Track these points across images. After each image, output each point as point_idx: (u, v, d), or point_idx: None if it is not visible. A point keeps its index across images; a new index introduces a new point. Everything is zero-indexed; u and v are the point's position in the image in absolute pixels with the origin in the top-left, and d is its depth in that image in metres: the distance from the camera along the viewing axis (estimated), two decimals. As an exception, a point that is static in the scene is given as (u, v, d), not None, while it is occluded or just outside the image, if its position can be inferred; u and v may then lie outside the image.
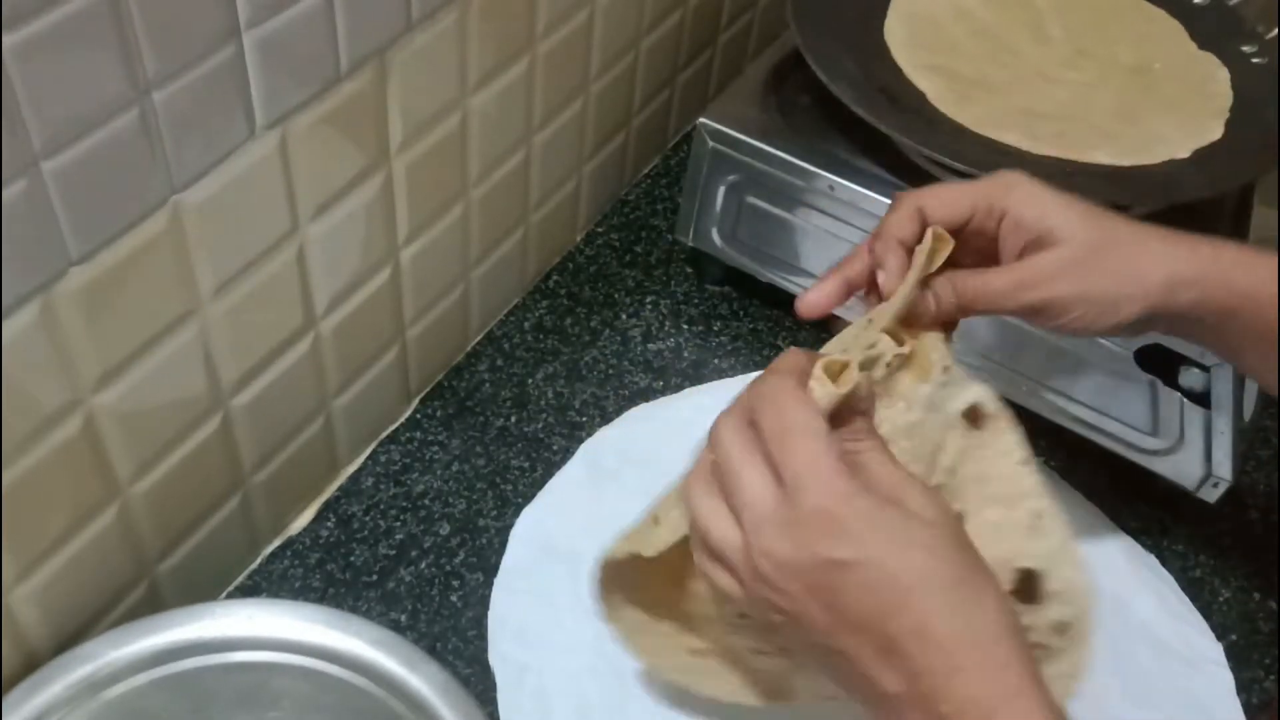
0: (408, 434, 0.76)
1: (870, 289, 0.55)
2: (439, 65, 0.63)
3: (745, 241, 0.82)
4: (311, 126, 0.56)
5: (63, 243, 0.47)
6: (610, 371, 0.80)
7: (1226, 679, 0.68)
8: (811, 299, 0.54)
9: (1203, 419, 0.69)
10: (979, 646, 0.41)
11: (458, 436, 0.76)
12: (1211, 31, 0.83)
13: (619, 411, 0.77)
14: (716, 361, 0.82)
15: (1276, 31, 0.81)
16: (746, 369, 0.81)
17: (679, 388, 0.80)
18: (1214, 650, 0.69)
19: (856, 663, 0.43)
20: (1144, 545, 0.73)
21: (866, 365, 0.48)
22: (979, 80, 0.78)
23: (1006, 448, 0.51)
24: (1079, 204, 0.54)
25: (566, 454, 0.75)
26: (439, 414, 0.77)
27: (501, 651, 0.65)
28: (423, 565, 0.69)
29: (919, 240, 0.53)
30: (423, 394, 0.78)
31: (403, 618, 0.67)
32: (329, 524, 0.71)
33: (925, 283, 0.53)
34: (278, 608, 0.56)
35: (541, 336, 0.82)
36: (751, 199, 0.79)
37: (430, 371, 0.78)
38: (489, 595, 0.67)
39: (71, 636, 0.58)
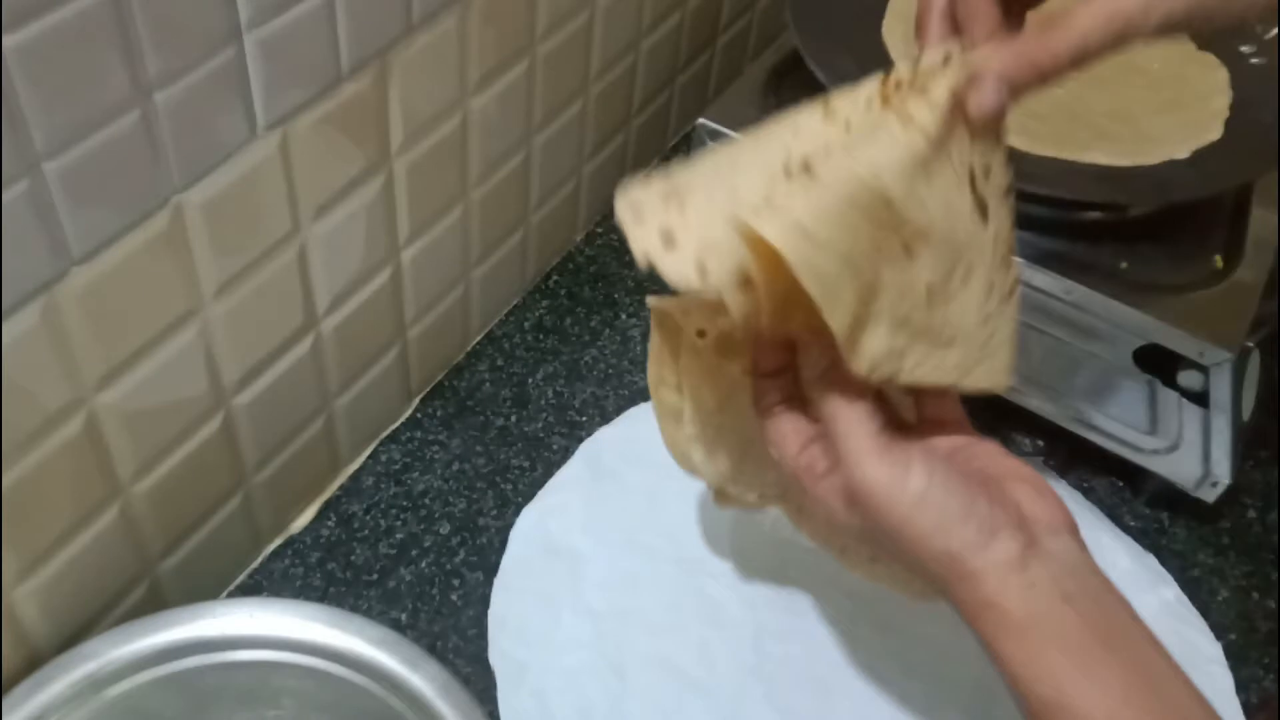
0: (408, 433, 0.76)
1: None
2: (440, 66, 0.63)
3: (745, 242, 0.82)
4: (313, 127, 0.56)
5: (65, 243, 0.47)
6: (610, 371, 0.81)
7: (1226, 678, 0.68)
8: None
9: (1201, 419, 0.69)
10: None
11: (458, 436, 0.76)
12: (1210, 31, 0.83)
13: (619, 411, 0.77)
14: (716, 361, 0.82)
15: (1276, 31, 0.81)
16: (746, 369, 0.81)
17: (679, 387, 0.80)
18: (1213, 649, 0.69)
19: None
20: (1142, 545, 0.73)
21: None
22: (978, 81, 0.78)
23: None
24: None
25: (566, 454, 0.75)
26: (439, 413, 0.77)
27: (502, 650, 0.65)
28: (423, 564, 0.69)
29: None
30: (423, 393, 0.78)
31: (403, 616, 0.67)
32: (330, 523, 0.71)
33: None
34: (279, 606, 0.56)
35: (541, 336, 0.83)
36: (751, 199, 0.79)
37: (431, 371, 0.78)
38: (489, 594, 0.67)
39: (73, 635, 0.58)
